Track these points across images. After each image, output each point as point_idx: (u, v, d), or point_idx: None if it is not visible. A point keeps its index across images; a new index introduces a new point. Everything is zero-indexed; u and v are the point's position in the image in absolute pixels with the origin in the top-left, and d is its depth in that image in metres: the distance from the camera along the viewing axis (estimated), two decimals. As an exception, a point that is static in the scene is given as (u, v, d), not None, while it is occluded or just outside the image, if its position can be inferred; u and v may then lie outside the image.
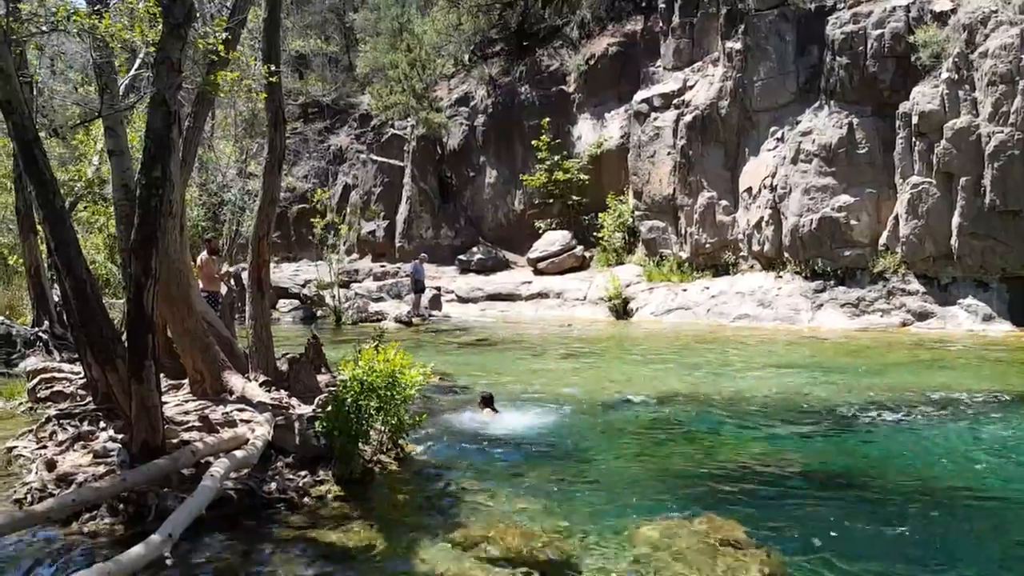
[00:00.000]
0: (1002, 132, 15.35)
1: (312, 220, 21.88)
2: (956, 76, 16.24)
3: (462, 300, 23.88)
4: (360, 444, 6.41)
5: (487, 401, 9.35)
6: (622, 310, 20.63)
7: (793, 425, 8.93)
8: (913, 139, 16.80)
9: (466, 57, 28.95)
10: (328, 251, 22.16)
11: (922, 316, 16.64)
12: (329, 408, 6.38)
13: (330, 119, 32.47)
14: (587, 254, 24.24)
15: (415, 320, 20.85)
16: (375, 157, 29.79)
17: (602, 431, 8.77)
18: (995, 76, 15.48)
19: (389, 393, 6.35)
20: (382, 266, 27.39)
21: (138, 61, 8.73)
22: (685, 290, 20.31)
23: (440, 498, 6.28)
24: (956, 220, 16.10)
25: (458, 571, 4.86)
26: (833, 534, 5.63)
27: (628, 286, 21.28)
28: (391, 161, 29.21)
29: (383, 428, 6.68)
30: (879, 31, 17.73)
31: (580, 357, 14.58)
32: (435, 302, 22.74)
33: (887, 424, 8.87)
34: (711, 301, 19.43)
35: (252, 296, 8.80)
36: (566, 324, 19.71)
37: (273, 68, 8.34)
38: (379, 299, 23.46)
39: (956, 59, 16.27)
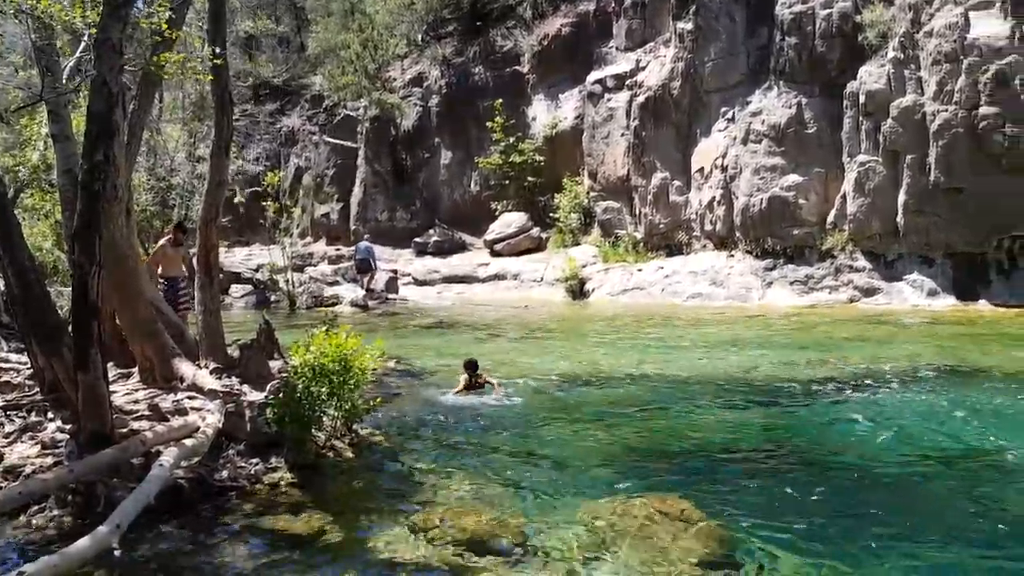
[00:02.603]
0: (946, 111, 15.67)
1: (264, 204, 21.62)
2: (902, 55, 16.52)
3: (419, 283, 23.83)
4: (313, 430, 6.38)
5: (471, 366, 9.50)
6: (579, 291, 20.77)
7: (744, 401, 9.09)
8: (860, 118, 17.09)
9: (419, 37, 28.68)
10: (281, 235, 21.90)
11: (869, 292, 17.00)
12: (280, 395, 6.34)
13: (281, 100, 31.96)
14: (544, 235, 24.30)
15: (370, 303, 20.78)
16: (328, 139, 29.47)
17: (557, 411, 8.83)
18: (940, 55, 15.78)
19: (341, 378, 6.33)
20: (337, 249, 27.15)
21: (83, 44, 8.52)
22: (640, 270, 20.49)
23: (395, 482, 6.29)
24: (902, 198, 16.45)
25: (413, 555, 4.87)
26: (782, 507, 5.75)
27: (584, 267, 21.41)
28: (344, 143, 28.91)
29: (336, 414, 6.65)
30: (827, 11, 17.96)
31: (536, 338, 14.65)
32: (392, 285, 22.67)
33: (835, 398, 9.06)
34: (665, 281, 19.65)
35: (201, 282, 8.69)
36: (523, 305, 19.77)
37: (219, 50, 8.20)
38: (334, 283, 23.29)
39: (902, 38, 16.55)
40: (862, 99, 16.95)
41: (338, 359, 6.32)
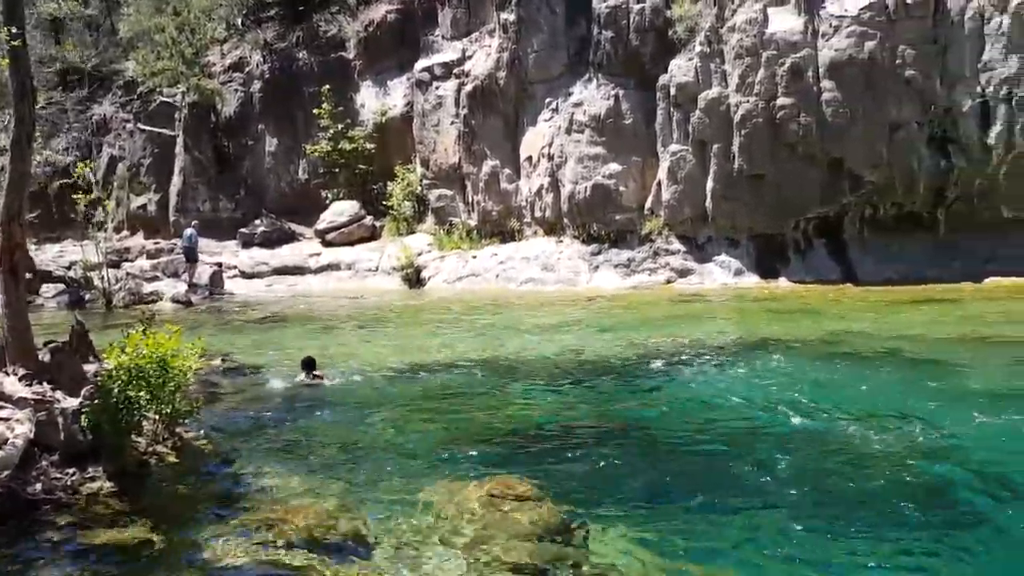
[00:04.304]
0: (748, 102, 16.88)
1: (75, 196, 20.23)
2: (708, 49, 17.59)
3: (246, 276, 22.99)
4: (132, 436, 6.15)
5: (308, 365, 9.63)
6: (415, 279, 20.82)
7: (575, 381, 9.56)
8: (671, 110, 18.08)
9: (239, 21, 27.60)
10: (94, 229, 20.57)
11: (683, 273, 18.07)
12: (96, 400, 6.07)
13: (91, 87, 29.89)
14: (378, 224, 24.07)
15: (194, 298, 19.96)
16: (143, 127, 27.89)
17: (392, 400, 8.94)
18: (742, 49, 16.94)
19: (160, 380, 6.12)
20: (156, 243, 25.74)
21: None
22: (475, 257, 20.79)
23: (222, 484, 6.18)
24: (710, 184, 17.58)
25: (245, 559, 4.80)
26: (610, 480, 6.15)
27: (420, 255, 21.47)
28: (161, 130, 27.47)
29: (156, 417, 6.43)
30: (640, 5, 18.77)
31: (373, 328, 14.65)
32: (216, 279, 21.79)
33: (659, 373, 9.70)
34: (499, 267, 20.06)
35: (4, 283, 8.11)
36: (358, 296, 19.63)
37: (16, 31, 7.67)
38: (154, 279, 22.09)
39: (708, 33, 17.62)
40: (673, 91, 17.94)
41: (156, 360, 6.12)
